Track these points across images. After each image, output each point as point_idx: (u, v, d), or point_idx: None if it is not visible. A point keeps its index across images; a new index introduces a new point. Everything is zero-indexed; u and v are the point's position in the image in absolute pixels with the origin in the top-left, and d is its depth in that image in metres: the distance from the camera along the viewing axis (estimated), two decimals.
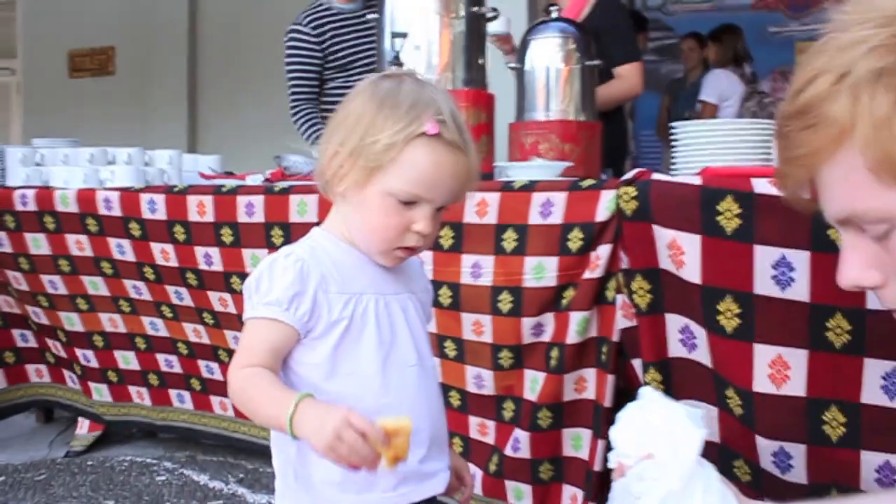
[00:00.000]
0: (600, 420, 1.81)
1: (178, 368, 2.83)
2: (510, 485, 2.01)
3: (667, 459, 0.98)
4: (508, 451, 1.97)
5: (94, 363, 2.97)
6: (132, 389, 2.96)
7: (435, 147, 1.13)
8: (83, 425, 3.09)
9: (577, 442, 1.92)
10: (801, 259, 1.46)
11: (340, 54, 3.48)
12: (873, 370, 1.43)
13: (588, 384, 1.88)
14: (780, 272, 1.48)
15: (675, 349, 1.67)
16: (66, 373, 3.13)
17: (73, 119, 6.69)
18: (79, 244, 2.79)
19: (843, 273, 0.87)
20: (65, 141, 3.29)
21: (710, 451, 1.09)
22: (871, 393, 1.42)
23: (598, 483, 1.83)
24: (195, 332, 2.71)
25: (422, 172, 1.13)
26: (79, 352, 2.97)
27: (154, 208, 2.58)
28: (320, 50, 3.47)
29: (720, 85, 4.93)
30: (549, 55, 2.85)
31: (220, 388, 2.73)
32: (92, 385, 3.00)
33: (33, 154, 3.08)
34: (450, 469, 1.34)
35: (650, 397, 1.05)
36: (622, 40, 3.35)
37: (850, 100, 0.77)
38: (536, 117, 2.78)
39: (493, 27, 2.97)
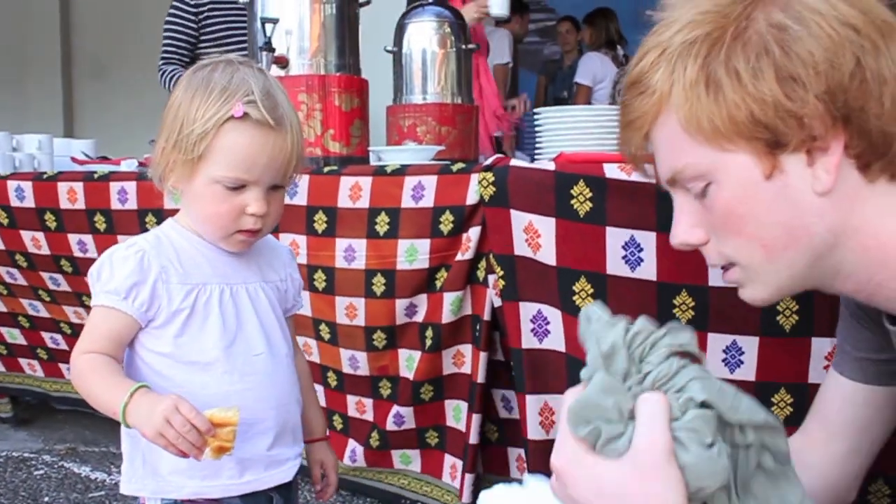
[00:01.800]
0: (475, 395, 1.88)
1: (63, 345, 2.80)
2: (396, 453, 2.09)
3: None
4: (391, 427, 2.03)
5: None
6: (23, 361, 2.93)
7: (245, 129, 1.16)
8: None
9: (457, 413, 2.00)
10: (648, 239, 1.56)
11: (214, 27, 3.49)
12: (715, 344, 1.54)
13: (465, 359, 1.95)
14: (629, 252, 1.57)
15: (528, 340, 1.74)
16: None
17: None
18: None
19: (672, 233, 0.96)
20: None
21: None
22: (714, 366, 1.53)
23: (473, 455, 1.91)
24: (76, 314, 2.66)
25: (237, 155, 1.16)
26: None
27: (22, 196, 2.51)
28: (196, 21, 3.48)
29: (594, 67, 5.08)
30: (425, 39, 2.90)
31: None
32: None
33: None
34: (315, 462, 1.40)
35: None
36: None
37: (667, 69, 0.88)
38: (413, 100, 2.83)
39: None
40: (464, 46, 2.94)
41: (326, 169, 2.10)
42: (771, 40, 0.83)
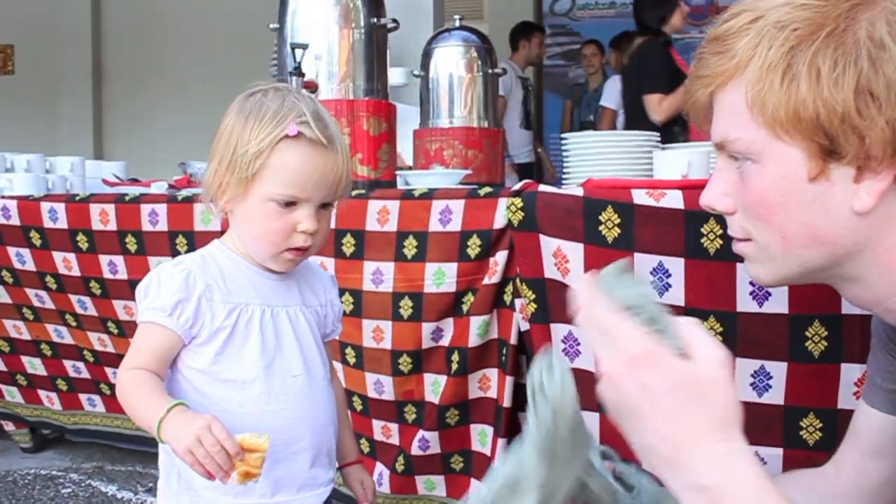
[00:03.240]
0: (500, 419, 1.88)
1: (85, 374, 2.81)
2: (420, 479, 2.09)
3: None
4: (416, 451, 2.03)
5: (2, 366, 2.93)
6: (42, 393, 2.93)
7: (299, 147, 1.21)
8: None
9: (482, 438, 2.00)
10: (676, 265, 1.56)
11: None
12: (743, 368, 1.54)
13: (491, 383, 1.95)
14: (657, 278, 1.58)
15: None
16: None
17: None
18: None
19: (703, 193, 0.97)
20: None
21: None
22: (742, 390, 1.54)
23: None
24: (100, 342, 2.69)
25: (291, 173, 1.21)
26: None
27: (56, 217, 2.55)
28: None
29: (619, 91, 5.10)
30: (452, 63, 2.94)
31: None
32: (2, 387, 2.97)
33: None
34: (355, 482, 1.43)
35: None
36: None
37: (753, 40, 0.87)
38: (440, 124, 2.86)
39: None
40: (490, 71, 2.97)
41: (354, 192, 2.12)
42: (864, 53, 0.82)
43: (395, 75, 3.22)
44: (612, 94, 5.12)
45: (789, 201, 0.88)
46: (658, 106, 3.88)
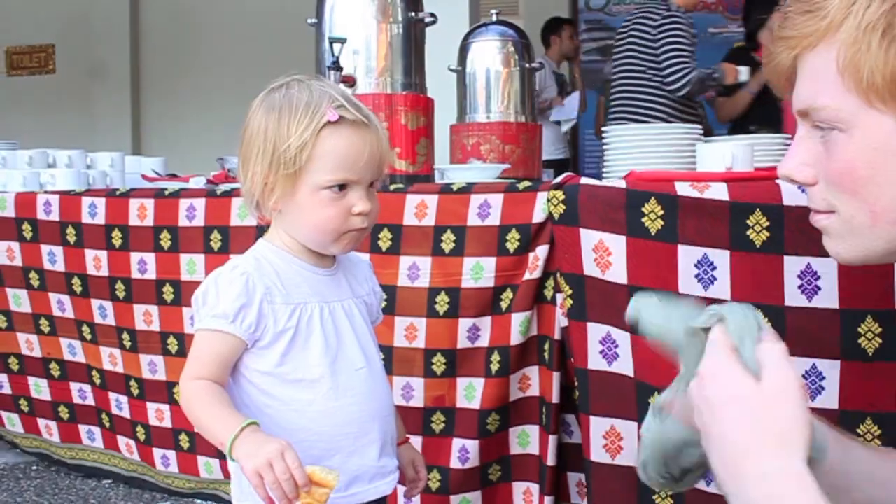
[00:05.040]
0: (549, 416, 1.85)
1: (90, 400, 2.72)
2: (455, 498, 2.00)
3: None
4: (455, 464, 1.96)
5: (6, 389, 2.87)
6: (41, 422, 2.84)
7: (342, 130, 1.20)
8: None
9: (523, 439, 1.96)
10: (721, 258, 1.53)
11: None
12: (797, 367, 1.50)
13: (532, 381, 1.92)
14: (702, 271, 1.54)
15: (595, 361, 1.71)
16: None
17: (11, 119, 6.57)
18: (9, 252, 2.74)
19: (782, 163, 0.91)
20: (2, 143, 3.25)
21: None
22: None
23: (553, 476, 1.87)
24: (111, 359, 2.61)
25: (340, 157, 1.20)
26: None
27: (94, 212, 2.56)
28: None
29: None
30: (489, 57, 2.92)
31: (127, 429, 2.60)
32: (3, 413, 2.91)
33: None
34: (407, 462, 1.42)
35: None
36: None
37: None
38: (477, 119, 2.84)
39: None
40: (527, 65, 2.95)
41: (393, 187, 2.11)
42: None
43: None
44: None
45: (879, 173, 0.82)
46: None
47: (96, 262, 2.55)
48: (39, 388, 2.81)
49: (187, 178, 2.83)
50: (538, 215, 1.82)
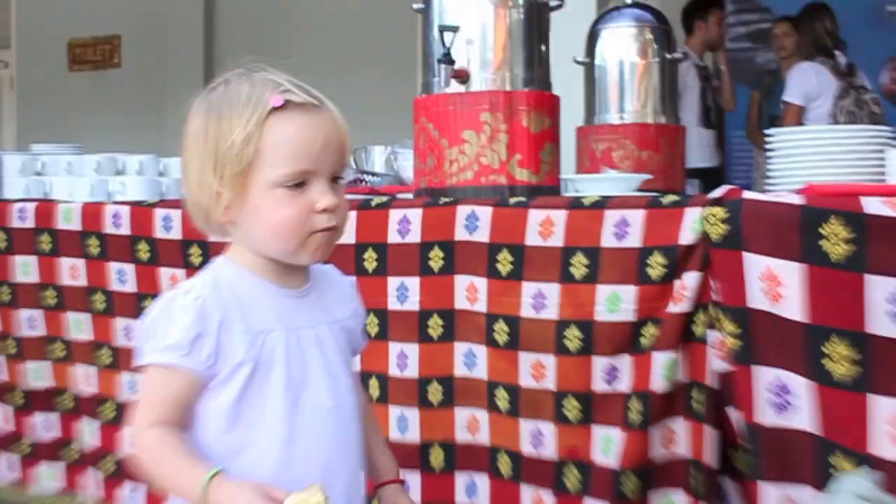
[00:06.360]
0: (701, 481, 1.80)
1: (56, 431, 2.85)
2: None
3: None
4: None
5: (54, 432, 2.92)
6: None
7: (290, 116, 1.22)
8: None
9: None
10: None
11: None
12: None
13: (677, 437, 1.87)
14: None
15: (763, 414, 1.66)
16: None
17: (73, 118, 6.87)
18: (73, 270, 2.81)
19: None
20: (68, 147, 3.38)
21: None
22: None
23: None
24: (86, 378, 2.74)
25: (291, 145, 1.22)
26: (35, 418, 2.92)
27: (169, 225, 2.64)
28: None
29: (807, 82, 4.82)
30: (622, 47, 2.90)
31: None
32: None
33: (33, 162, 3.17)
34: None
35: None
36: None
37: None
38: (609, 120, 2.83)
39: None
40: (668, 56, 2.92)
41: (513, 200, 2.11)
42: None
43: None
44: (797, 86, 4.88)
45: None
46: None
47: (172, 281, 2.61)
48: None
49: None
50: (686, 236, 1.79)
